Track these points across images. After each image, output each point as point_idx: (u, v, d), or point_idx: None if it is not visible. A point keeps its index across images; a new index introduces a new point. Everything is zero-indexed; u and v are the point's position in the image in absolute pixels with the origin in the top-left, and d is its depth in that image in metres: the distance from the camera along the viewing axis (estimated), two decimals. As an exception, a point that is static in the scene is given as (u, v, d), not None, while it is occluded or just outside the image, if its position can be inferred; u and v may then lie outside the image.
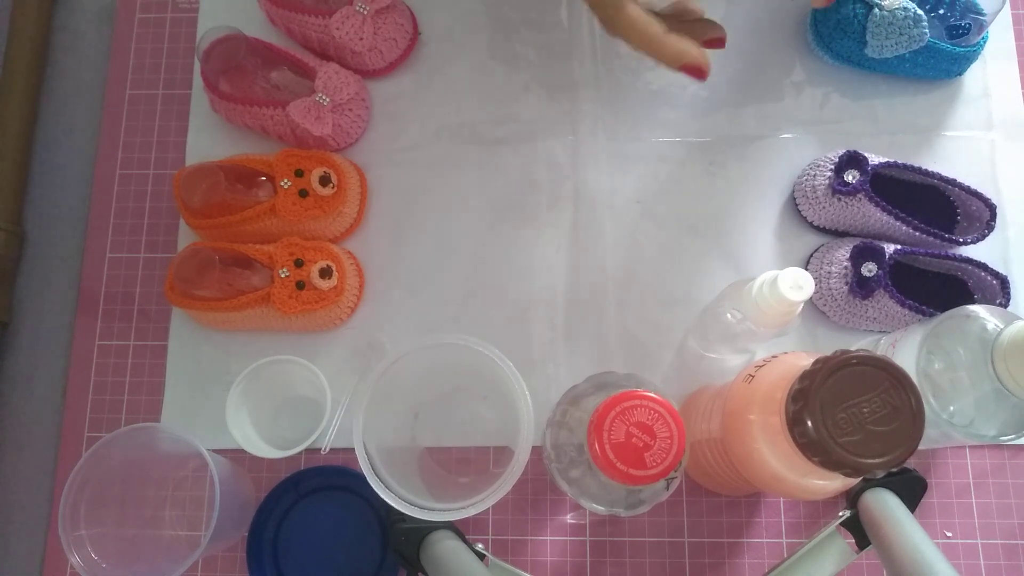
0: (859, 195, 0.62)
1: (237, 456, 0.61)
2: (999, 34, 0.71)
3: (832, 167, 0.64)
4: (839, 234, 0.67)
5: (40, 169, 0.73)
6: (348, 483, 0.62)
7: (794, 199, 0.67)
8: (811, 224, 0.67)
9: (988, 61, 0.71)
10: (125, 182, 0.71)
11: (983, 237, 0.64)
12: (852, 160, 0.63)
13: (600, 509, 0.49)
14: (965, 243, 0.64)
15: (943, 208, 0.67)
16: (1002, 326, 0.49)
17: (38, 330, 0.70)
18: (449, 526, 0.55)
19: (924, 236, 0.63)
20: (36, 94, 0.74)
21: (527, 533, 0.62)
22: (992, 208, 0.63)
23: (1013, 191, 0.68)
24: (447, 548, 0.53)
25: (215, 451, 0.57)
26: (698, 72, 0.55)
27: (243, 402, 0.61)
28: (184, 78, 0.73)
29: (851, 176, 0.63)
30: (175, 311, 0.67)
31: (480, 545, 0.54)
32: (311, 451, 0.62)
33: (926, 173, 0.64)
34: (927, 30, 0.64)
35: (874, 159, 0.63)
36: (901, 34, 0.64)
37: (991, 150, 0.69)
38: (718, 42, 0.57)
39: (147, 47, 0.74)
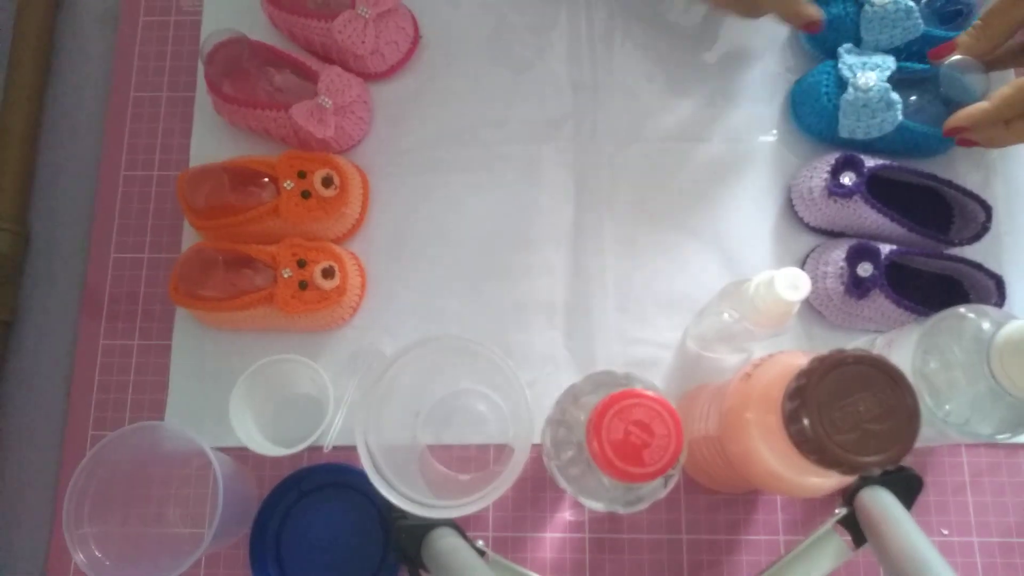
0: (855, 197, 0.62)
1: (240, 454, 0.62)
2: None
3: (828, 169, 0.64)
4: (835, 235, 0.67)
5: (45, 170, 0.74)
6: (350, 481, 0.63)
7: (791, 201, 0.68)
8: (807, 225, 0.67)
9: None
10: (129, 183, 0.71)
11: (979, 238, 0.64)
12: (848, 162, 0.63)
13: (599, 506, 0.49)
14: (961, 244, 0.64)
15: (939, 209, 0.67)
16: (997, 326, 0.50)
17: (43, 329, 0.70)
18: (450, 523, 0.56)
19: (920, 237, 0.63)
20: (41, 96, 0.74)
21: (527, 530, 0.63)
22: (988, 209, 0.64)
23: (1009, 192, 0.69)
24: (448, 545, 0.53)
25: (218, 449, 0.57)
26: (816, 27, 0.63)
27: (246, 401, 0.62)
28: (188, 80, 0.74)
29: (847, 178, 0.63)
30: (179, 311, 0.68)
31: (481, 542, 0.54)
32: (314, 449, 0.62)
33: (922, 174, 0.64)
34: (900, 113, 0.63)
35: (870, 160, 0.63)
36: (873, 116, 0.63)
37: (987, 151, 0.69)
38: (815, 26, 0.63)
39: (151, 50, 0.75)
